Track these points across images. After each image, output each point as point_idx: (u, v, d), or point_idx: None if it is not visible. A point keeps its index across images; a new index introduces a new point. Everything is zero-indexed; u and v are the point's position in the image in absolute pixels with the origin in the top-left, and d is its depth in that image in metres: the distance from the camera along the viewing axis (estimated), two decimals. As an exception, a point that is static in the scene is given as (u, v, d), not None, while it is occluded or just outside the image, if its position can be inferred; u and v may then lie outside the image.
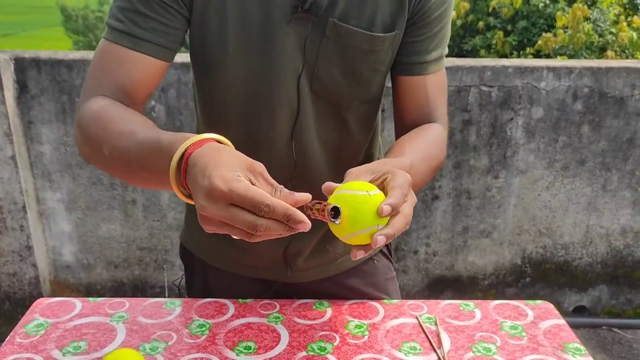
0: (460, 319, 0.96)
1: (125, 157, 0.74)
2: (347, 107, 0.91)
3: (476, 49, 5.75)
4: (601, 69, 2.15)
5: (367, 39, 0.84)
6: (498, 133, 2.21)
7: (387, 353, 0.87)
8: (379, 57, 0.87)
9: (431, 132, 0.91)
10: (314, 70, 0.85)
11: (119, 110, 0.79)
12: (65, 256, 2.31)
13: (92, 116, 0.79)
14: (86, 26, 34.52)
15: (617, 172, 2.28)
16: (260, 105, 0.87)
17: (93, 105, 0.80)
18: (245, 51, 0.83)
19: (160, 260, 2.34)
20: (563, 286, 2.47)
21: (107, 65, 0.82)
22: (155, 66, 0.83)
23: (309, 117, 0.88)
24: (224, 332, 0.91)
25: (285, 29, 0.82)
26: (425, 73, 0.91)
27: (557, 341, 0.91)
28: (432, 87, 0.93)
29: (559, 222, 2.35)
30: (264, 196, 0.60)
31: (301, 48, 0.84)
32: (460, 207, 2.32)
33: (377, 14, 0.84)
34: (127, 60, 0.81)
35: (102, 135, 0.76)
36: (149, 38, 0.81)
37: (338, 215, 0.65)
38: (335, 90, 0.88)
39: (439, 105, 0.94)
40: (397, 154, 0.83)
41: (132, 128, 0.75)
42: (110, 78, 0.82)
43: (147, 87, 0.85)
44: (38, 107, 2.09)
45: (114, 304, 0.98)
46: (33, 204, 2.20)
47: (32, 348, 0.86)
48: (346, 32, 0.83)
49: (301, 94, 0.86)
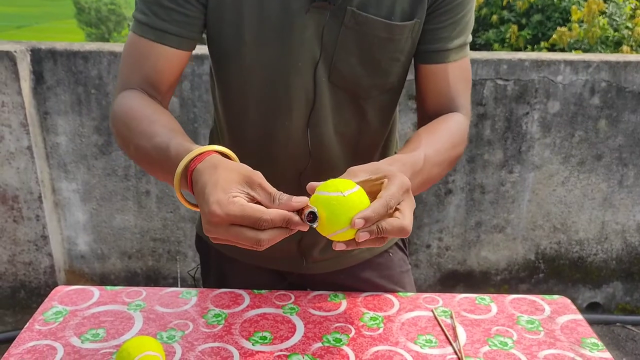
0: (476, 313, 0.96)
1: (145, 157, 0.80)
2: (365, 97, 0.90)
3: (489, 42, 5.70)
4: (619, 63, 2.13)
5: (386, 28, 0.83)
6: (513, 127, 2.19)
7: (402, 345, 0.87)
8: (398, 45, 0.86)
9: (451, 122, 0.90)
10: (332, 60, 0.85)
11: (145, 108, 0.83)
12: (80, 246, 2.33)
13: (122, 114, 0.83)
14: (99, 18, 34.69)
15: (634, 167, 2.25)
16: (277, 94, 0.87)
17: (123, 102, 0.84)
18: (262, 40, 0.83)
19: (174, 252, 2.36)
20: (577, 282, 2.45)
21: (135, 59, 0.86)
22: (179, 56, 0.86)
23: (326, 106, 0.88)
24: (239, 322, 0.91)
25: (303, 18, 0.81)
26: (447, 61, 0.90)
27: (575, 336, 0.91)
28: (454, 76, 0.91)
29: (574, 218, 2.33)
30: (261, 212, 0.63)
31: (319, 37, 0.83)
32: (473, 201, 2.30)
33: (396, 2, 0.83)
34: (151, 53, 0.85)
35: (128, 134, 0.82)
36: (172, 30, 0.84)
37: (315, 219, 0.67)
38: (353, 80, 0.87)
39: (460, 93, 0.92)
40: (413, 146, 0.83)
41: (152, 130, 0.79)
42: (138, 71, 0.86)
43: (172, 76, 0.88)
44: (54, 98, 2.10)
45: (131, 293, 0.98)
46: (49, 194, 2.22)
47: (51, 335, 0.87)
48: (365, 20, 0.82)
49: (318, 83, 0.86)
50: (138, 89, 0.86)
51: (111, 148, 2.18)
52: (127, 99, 0.84)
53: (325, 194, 0.68)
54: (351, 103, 0.90)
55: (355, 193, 0.68)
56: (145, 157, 0.80)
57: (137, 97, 0.85)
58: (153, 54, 0.85)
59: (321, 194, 0.68)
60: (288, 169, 0.92)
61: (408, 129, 2.17)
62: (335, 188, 0.68)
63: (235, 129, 0.94)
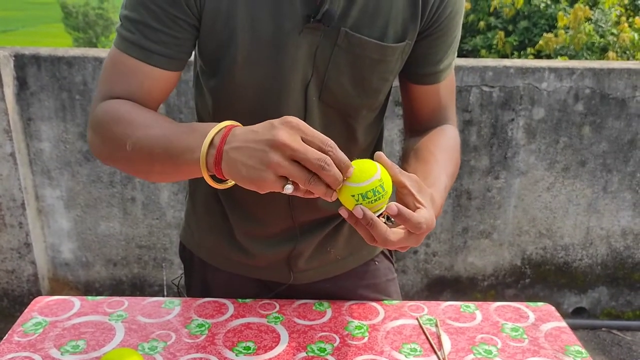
0: (460, 321, 0.96)
1: (149, 147, 0.75)
2: (354, 115, 0.90)
3: (477, 48, 5.75)
4: (603, 70, 2.15)
5: (378, 49, 0.83)
6: (499, 134, 2.21)
7: (387, 354, 0.86)
8: (389, 66, 0.87)
9: (451, 139, 0.94)
10: (324, 79, 0.85)
11: (139, 106, 0.81)
12: (64, 254, 2.30)
13: (111, 116, 0.80)
14: (86, 23, 34.47)
15: (618, 173, 2.28)
16: (267, 112, 0.85)
17: (110, 107, 0.81)
18: (255, 61, 0.82)
19: (160, 259, 2.34)
20: (563, 287, 2.46)
21: (119, 74, 0.83)
22: (167, 77, 0.84)
23: (316, 125, 0.88)
24: (223, 332, 0.90)
25: (296, 39, 0.81)
26: (439, 81, 0.92)
27: (559, 343, 0.91)
28: (445, 92, 0.94)
29: (559, 224, 2.35)
30: (326, 137, 0.66)
31: (311, 58, 0.83)
32: (460, 207, 2.31)
33: (390, 24, 0.83)
34: (138, 71, 0.82)
35: (124, 130, 0.78)
36: (159, 51, 0.81)
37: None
38: (344, 100, 0.87)
39: (449, 106, 0.96)
40: (434, 169, 0.84)
41: (158, 118, 0.78)
42: (123, 86, 0.83)
43: (160, 95, 0.86)
44: (38, 103, 2.08)
45: (113, 303, 0.97)
46: (32, 201, 2.20)
47: (30, 347, 0.85)
48: (358, 42, 0.82)
49: (309, 103, 0.86)
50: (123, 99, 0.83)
51: (96, 154, 2.16)
52: (115, 104, 0.81)
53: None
54: (341, 122, 0.90)
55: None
56: (148, 148, 0.75)
57: (125, 101, 0.82)
58: (140, 73, 0.82)
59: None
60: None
61: (395, 136, 2.17)
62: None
63: None
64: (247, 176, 0.66)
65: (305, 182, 0.65)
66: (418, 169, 0.84)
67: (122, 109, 0.80)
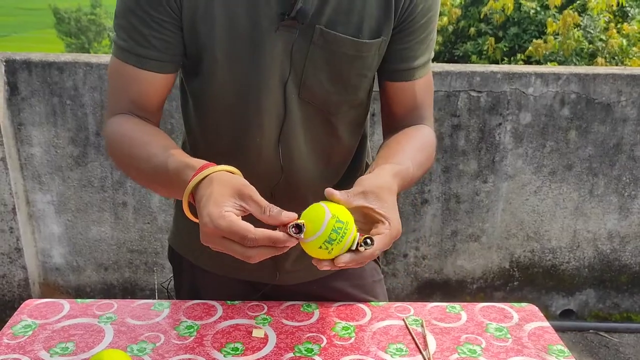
0: (446, 321, 0.98)
1: (148, 179, 0.86)
2: (335, 112, 0.92)
3: (467, 54, 5.79)
4: (588, 75, 2.18)
5: (354, 45, 0.85)
6: (487, 138, 2.23)
7: (373, 354, 0.88)
8: (366, 62, 0.88)
9: (423, 135, 0.95)
10: (302, 77, 0.86)
11: (136, 131, 0.86)
12: (55, 258, 2.30)
13: (116, 142, 0.87)
14: (78, 29, 34.37)
15: (604, 177, 2.31)
16: (248, 112, 0.88)
17: (115, 130, 0.87)
18: (233, 58, 0.84)
19: (151, 263, 2.34)
20: (550, 290, 2.49)
21: (120, 83, 0.88)
22: (163, 79, 0.88)
23: (296, 123, 0.89)
24: (211, 333, 0.92)
25: (272, 36, 0.83)
26: (414, 79, 0.93)
27: (542, 343, 0.93)
28: (420, 91, 0.95)
29: (547, 227, 2.38)
30: (247, 230, 0.67)
31: (288, 55, 0.85)
32: (449, 211, 2.33)
33: (364, 21, 0.85)
34: (135, 78, 0.86)
35: (127, 160, 0.87)
36: (152, 56, 0.84)
37: (301, 231, 0.71)
38: (323, 96, 0.89)
39: (425, 106, 0.97)
40: (399, 154, 0.87)
41: (148, 152, 0.82)
42: (125, 95, 0.88)
43: (159, 98, 0.90)
44: (29, 109, 2.08)
45: (102, 306, 0.98)
46: (23, 205, 2.20)
47: (19, 349, 0.86)
48: (333, 38, 0.84)
49: (288, 100, 0.87)
50: (127, 112, 0.88)
51: (87, 159, 2.17)
52: (118, 126, 0.87)
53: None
54: (321, 119, 0.92)
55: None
56: (149, 179, 0.85)
57: (127, 122, 0.87)
58: (137, 79, 0.86)
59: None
60: (261, 182, 0.93)
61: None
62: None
63: (207, 143, 0.95)
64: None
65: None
66: (382, 155, 0.87)
67: (124, 137, 0.86)
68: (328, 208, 0.71)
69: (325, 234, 0.70)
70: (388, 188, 0.77)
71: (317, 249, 0.71)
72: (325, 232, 0.69)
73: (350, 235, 0.71)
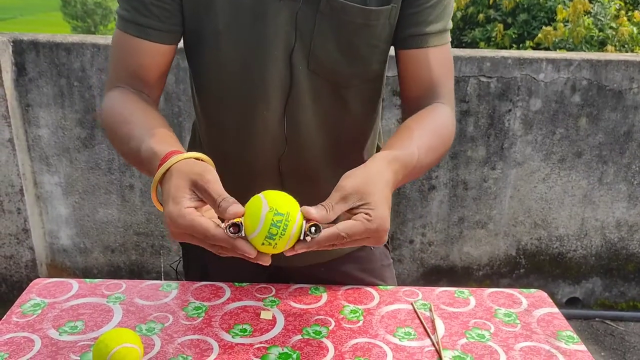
0: (454, 306, 0.97)
1: (128, 158, 0.85)
2: (346, 85, 0.90)
3: (476, 41, 5.73)
4: (600, 61, 2.15)
5: (361, 13, 0.83)
6: (496, 124, 2.21)
7: (381, 338, 0.88)
8: (375, 31, 0.86)
9: (439, 115, 0.90)
10: (310, 47, 0.85)
11: (124, 109, 0.85)
12: (62, 240, 2.31)
13: (106, 117, 0.87)
14: (85, 11, 34.26)
15: (614, 165, 2.29)
16: (253, 83, 0.87)
17: (108, 105, 0.88)
18: (236, 29, 0.83)
19: (157, 246, 2.35)
20: (557, 278, 2.48)
21: (120, 54, 0.88)
22: (163, 50, 0.87)
23: (304, 95, 0.88)
24: (220, 314, 0.91)
25: (276, 5, 0.81)
26: (427, 46, 0.89)
27: (551, 329, 0.92)
28: (435, 62, 0.90)
29: (555, 214, 2.37)
30: (206, 230, 0.66)
31: (293, 24, 0.83)
32: (456, 197, 2.32)
33: None
34: (135, 48, 0.86)
35: (113, 137, 0.87)
36: (153, 25, 0.85)
37: (239, 231, 0.68)
38: (332, 68, 0.87)
39: (442, 81, 0.91)
40: (406, 141, 0.82)
41: (128, 133, 0.81)
42: (125, 66, 0.88)
43: (158, 70, 0.89)
44: (36, 90, 2.08)
45: (111, 286, 0.98)
46: (30, 187, 2.20)
47: (28, 327, 0.86)
48: (341, 6, 0.82)
49: (295, 71, 0.86)
50: (124, 85, 0.88)
51: (94, 141, 2.17)
52: (111, 101, 0.87)
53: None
54: (331, 92, 0.90)
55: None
56: (130, 161, 0.86)
57: (120, 97, 0.87)
58: (137, 49, 0.86)
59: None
60: (267, 155, 0.93)
61: (392, 125, 2.18)
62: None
63: (213, 117, 0.95)
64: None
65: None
66: (389, 142, 0.84)
67: (112, 114, 0.86)
68: (266, 200, 0.66)
69: (264, 229, 0.65)
70: (376, 180, 0.72)
71: (262, 246, 0.67)
72: (264, 227, 0.65)
73: (295, 225, 0.66)
